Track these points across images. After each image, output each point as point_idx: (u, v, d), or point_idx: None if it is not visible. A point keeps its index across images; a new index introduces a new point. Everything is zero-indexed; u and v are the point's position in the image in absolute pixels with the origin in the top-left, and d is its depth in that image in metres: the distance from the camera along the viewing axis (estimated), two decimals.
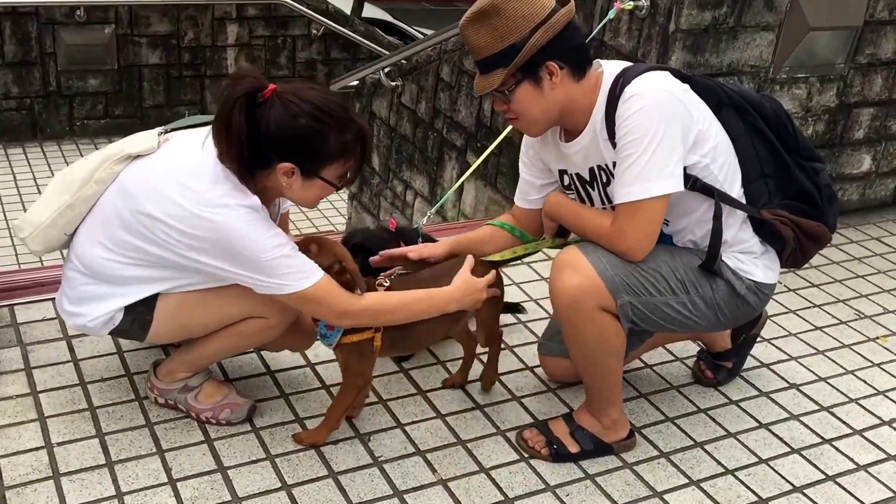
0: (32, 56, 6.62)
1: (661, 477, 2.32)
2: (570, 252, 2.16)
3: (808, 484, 2.35)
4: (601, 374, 2.27)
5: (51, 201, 2.16)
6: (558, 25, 2.03)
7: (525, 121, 2.16)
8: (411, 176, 5.03)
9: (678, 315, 2.18)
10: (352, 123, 2.01)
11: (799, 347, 3.00)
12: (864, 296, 3.41)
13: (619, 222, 2.09)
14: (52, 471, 2.12)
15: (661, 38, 3.23)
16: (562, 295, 2.14)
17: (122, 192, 2.08)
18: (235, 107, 1.91)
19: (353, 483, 2.19)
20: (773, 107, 2.27)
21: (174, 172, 2.02)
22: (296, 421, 2.39)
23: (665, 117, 2.02)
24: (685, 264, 2.18)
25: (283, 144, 1.96)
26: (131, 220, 2.04)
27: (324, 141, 1.97)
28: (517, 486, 2.24)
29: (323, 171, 2.02)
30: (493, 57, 2.06)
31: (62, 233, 2.18)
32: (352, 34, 6.88)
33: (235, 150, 1.95)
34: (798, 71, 3.55)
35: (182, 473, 2.17)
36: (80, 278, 2.16)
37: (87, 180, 2.11)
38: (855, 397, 2.76)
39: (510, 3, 2.01)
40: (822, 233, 2.29)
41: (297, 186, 2.03)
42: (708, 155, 2.12)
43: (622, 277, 2.11)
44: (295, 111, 1.93)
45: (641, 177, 2.03)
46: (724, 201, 2.16)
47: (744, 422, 2.58)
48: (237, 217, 1.95)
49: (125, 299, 2.13)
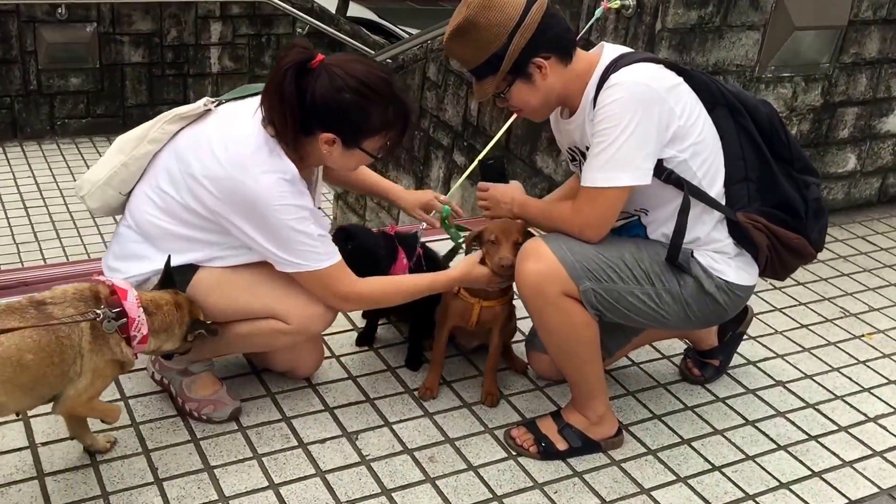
0: (13, 54, 6.55)
1: (649, 474, 2.32)
2: (533, 241, 2.21)
3: (795, 480, 2.36)
4: (576, 365, 2.28)
5: (108, 161, 2.24)
6: (533, 24, 2.07)
7: (527, 111, 2.25)
8: (398, 175, 5.01)
9: (643, 306, 2.19)
10: (395, 99, 2.07)
11: (785, 345, 3.01)
12: (850, 294, 3.43)
13: (579, 203, 2.15)
14: (36, 471, 2.11)
15: (647, 37, 3.24)
16: (525, 282, 2.18)
17: (175, 152, 2.16)
18: (287, 75, 1.98)
19: (340, 482, 2.18)
20: (767, 112, 2.28)
21: (223, 138, 2.09)
22: (283, 420, 2.38)
23: (638, 110, 2.05)
24: (651, 256, 2.19)
25: (326, 115, 2.02)
26: (180, 179, 2.11)
27: (366, 115, 2.03)
28: (505, 484, 2.23)
29: (363, 143, 2.09)
30: (480, 67, 2.14)
31: (118, 191, 2.25)
32: (337, 33, 6.85)
33: (283, 117, 2.02)
34: (783, 70, 3.57)
35: (168, 473, 2.15)
36: (130, 235, 2.22)
37: (141, 140, 2.20)
38: (841, 394, 2.77)
39: (482, 14, 2.06)
40: (801, 245, 2.27)
41: (336, 155, 2.10)
42: (687, 150, 2.13)
43: (583, 263, 2.13)
44: (340, 84, 1.99)
45: (608, 165, 2.07)
46: (697, 197, 2.17)
47: (730, 419, 2.59)
48: (271, 185, 2.02)
49: (162, 261, 2.15)
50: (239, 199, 2.04)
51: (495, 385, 2.56)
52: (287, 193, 2.04)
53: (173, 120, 2.18)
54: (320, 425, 2.37)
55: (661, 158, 2.11)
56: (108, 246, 2.34)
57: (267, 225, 2.06)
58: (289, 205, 2.04)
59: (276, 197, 2.03)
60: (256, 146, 2.05)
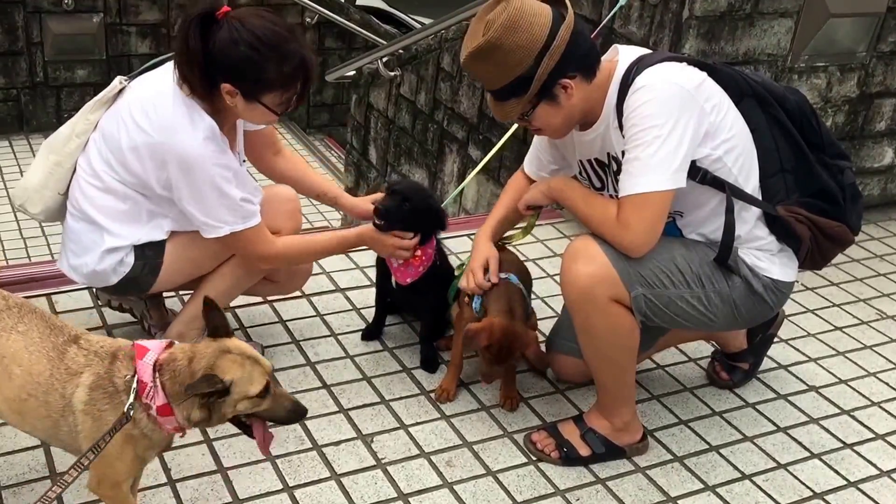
0: (19, 46, 6.51)
1: (675, 481, 2.26)
2: (584, 241, 2.11)
3: (829, 490, 2.29)
4: (614, 372, 2.22)
5: (41, 164, 2.30)
6: (563, 44, 1.97)
7: (549, 132, 2.17)
8: (410, 169, 4.93)
9: (693, 310, 2.12)
10: (292, 56, 2.08)
11: (818, 348, 2.93)
12: (886, 295, 3.33)
13: (625, 214, 2.03)
14: (48, 470, 2.10)
15: (674, 26, 3.15)
16: (574, 284, 2.09)
17: (102, 133, 2.23)
18: (191, 27, 2.05)
19: (356, 485, 2.14)
20: (797, 100, 2.21)
21: (142, 105, 2.15)
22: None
23: (672, 111, 1.98)
24: (701, 258, 2.13)
25: (224, 67, 2.06)
26: (111, 157, 2.18)
27: (261, 70, 2.06)
28: (525, 490, 2.18)
29: (262, 97, 2.11)
30: (503, 89, 2.03)
31: (55, 192, 2.29)
32: (347, 23, 6.79)
33: (191, 69, 2.07)
34: (817, 60, 3.46)
35: (181, 474, 2.12)
36: (79, 226, 2.26)
37: (69, 136, 2.26)
38: (877, 400, 2.69)
39: (508, 36, 1.95)
40: (842, 233, 2.22)
41: (241, 107, 2.13)
42: (720, 147, 2.06)
43: (636, 268, 2.05)
44: (236, 37, 2.04)
45: (647, 170, 1.99)
46: (736, 195, 2.10)
47: (761, 425, 2.51)
48: (196, 143, 2.08)
49: (125, 239, 2.23)
50: (168, 161, 2.10)
51: (515, 388, 2.48)
52: (211, 152, 2.10)
53: (94, 108, 2.24)
54: (335, 427, 2.33)
55: (695, 159, 2.04)
56: (62, 249, 2.34)
57: (194, 183, 2.11)
58: (214, 163, 2.10)
59: (201, 154, 2.09)
60: (174, 106, 2.10)
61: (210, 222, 2.17)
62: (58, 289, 2.75)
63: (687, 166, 2.02)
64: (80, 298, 2.72)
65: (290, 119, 7.56)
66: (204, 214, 2.16)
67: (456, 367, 2.48)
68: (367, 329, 2.72)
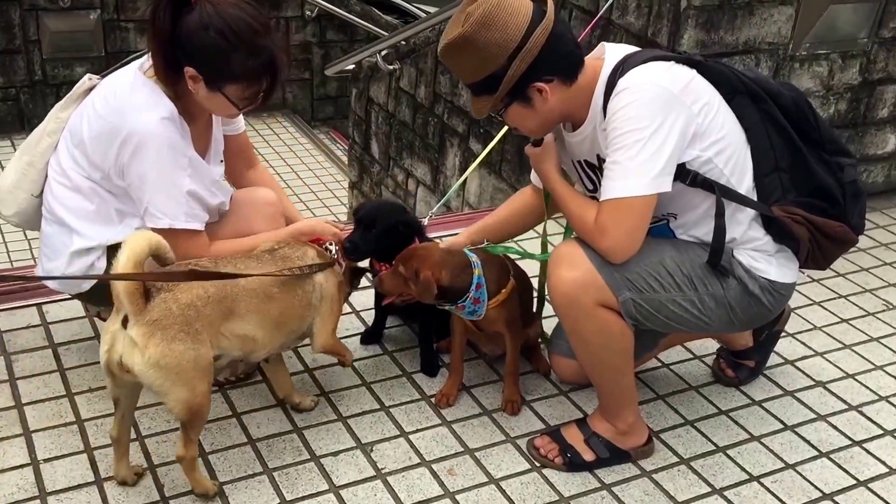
0: (16, 44, 6.47)
1: (682, 485, 2.23)
2: (568, 245, 2.08)
3: (839, 490, 2.26)
4: (609, 375, 2.19)
5: (14, 166, 2.29)
6: (535, 48, 1.91)
7: (525, 131, 2.14)
8: (412, 164, 4.90)
9: (686, 314, 2.09)
10: (261, 51, 2.03)
11: (824, 342, 2.89)
12: (892, 284, 3.29)
13: (602, 219, 1.99)
14: (38, 489, 2.08)
15: (672, 16, 3.10)
16: (558, 290, 2.07)
17: (69, 130, 2.22)
18: (161, 5, 2.02)
19: (355, 497, 2.12)
20: (792, 96, 2.15)
21: (104, 96, 2.14)
22: (294, 431, 2.30)
23: (655, 113, 1.93)
24: (692, 260, 2.08)
25: (189, 50, 2.03)
26: (75, 150, 2.17)
27: (227, 60, 2.02)
28: (529, 498, 2.15)
29: (224, 88, 2.07)
30: (476, 84, 2.00)
31: (29, 193, 2.28)
32: (347, 15, 6.74)
33: (157, 49, 2.06)
34: (819, 47, 3.42)
35: (175, 490, 2.09)
36: (50, 229, 2.25)
37: (41, 136, 2.26)
38: (885, 395, 2.65)
39: (480, 32, 1.90)
40: (842, 233, 2.17)
41: (202, 94, 2.09)
42: (710, 149, 2.01)
43: (623, 272, 2.02)
44: (206, 22, 2.00)
45: (627, 174, 1.95)
46: (728, 197, 2.05)
47: (768, 424, 2.48)
48: (150, 122, 2.05)
49: (92, 240, 2.19)
50: (123, 141, 2.06)
51: (517, 391, 2.45)
52: (166, 132, 2.06)
53: (65, 105, 2.26)
54: (333, 436, 2.30)
55: (684, 161, 2.00)
56: (39, 256, 2.32)
57: (142, 164, 2.06)
58: (168, 146, 2.06)
59: (154, 133, 2.05)
60: (133, 88, 2.10)
61: (151, 210, 2.11)
62: (48, 298, 2.71)
63: (672, 170, 1.97)
64: (72, 308, 2.69)
65: (295, 112, 7.52)
66: (147, 200, 2.10)
67: (457, 373, 2.45)
68: (366, 332, 2.68)
